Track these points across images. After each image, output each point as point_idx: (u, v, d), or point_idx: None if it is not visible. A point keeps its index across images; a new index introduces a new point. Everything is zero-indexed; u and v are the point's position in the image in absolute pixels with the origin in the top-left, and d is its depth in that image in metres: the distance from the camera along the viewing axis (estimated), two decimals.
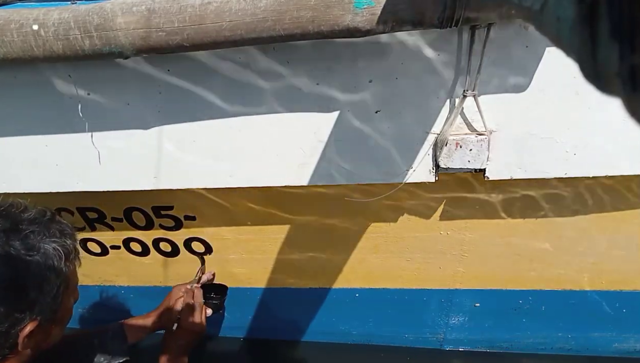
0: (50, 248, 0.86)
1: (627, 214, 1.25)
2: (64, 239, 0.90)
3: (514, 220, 1.30)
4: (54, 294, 0.86)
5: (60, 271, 0.87)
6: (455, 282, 1.53)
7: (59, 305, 0.90)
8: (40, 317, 0.85)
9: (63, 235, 0.90)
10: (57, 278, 0.87)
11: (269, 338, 1.83)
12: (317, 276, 1.57)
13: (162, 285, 1.66)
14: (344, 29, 0.76)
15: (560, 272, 1.45)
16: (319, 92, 0.94)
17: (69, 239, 0.91)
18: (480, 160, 0.96)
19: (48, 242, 0.86)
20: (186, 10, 0.77)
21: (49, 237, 0.87)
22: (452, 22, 0.75)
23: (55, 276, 0.86)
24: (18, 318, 0.82)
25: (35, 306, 0.84)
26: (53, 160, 1.07)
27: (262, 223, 1.40)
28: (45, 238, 0.86)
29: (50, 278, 0.85)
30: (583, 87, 0.88)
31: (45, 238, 0.86)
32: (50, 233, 0.88)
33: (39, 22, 0.81)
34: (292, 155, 1.02)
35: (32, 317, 0.84)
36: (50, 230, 0.88)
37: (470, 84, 0.90)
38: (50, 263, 0.85)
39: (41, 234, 0.86)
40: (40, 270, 0.84)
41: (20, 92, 0.99)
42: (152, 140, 1.02)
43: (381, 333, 1.75)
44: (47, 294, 0.85)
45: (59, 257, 0.87)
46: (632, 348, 1.65)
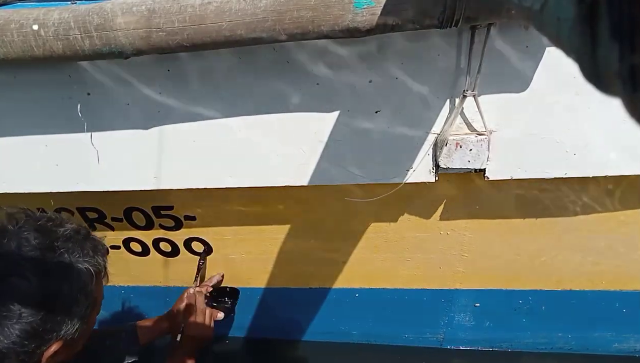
0: (83, 269, 0.85)
1: (627, 214, 1.25)
2: (97, 258, 0.89)
3: (514, 220, 1.30)
4: (81, 315, 0.86)
5: (90, 292, 0.87)
6: (455, 282, 1.53)
7: (86, 325, 0.89)
8: (66, 337, 0.85)
9: (96, 253, 0.90)
10: (87, 300, 0.87)
11: (269, 338, 1.83)
12: (317, 276, 1.57)
13: (162, 285, 1.66)
14: (344, 29, 0.76)
15: (560, 272, 1.45)
16: (318, 92, 0.94)
17: (100, 257, 0.91)
18: (480, 160, 0.96)
19: (81, 262, 0.86)
20: (186, 10, 0.77)
21: (83, 257, 0.86)
22: (452, 22, 0.75)
23: (85, 298, 0.86)
24: (45, 339, 0.81)
25: (62, 327, 0.83)
26: (53, 160, 1.07)
27: (262, 223, 1.40)
28: (79, 258, 0.86)
29: (81, 300, 0.85)
30: (583, 87, 0.88)
31: (79, 258, 0.86)
32: (84, 253, 0.87)
33: (39, 22, 0.81)
34: (292, 155, 1.02)
35: (59, 337, 0.83)
36: (84, 249, 0.88)
37: (470, 84, 0.90)
38: (81, 285, 0.85)
39: (75, 253, 0.85)
40: (72, 292, 0.83)
41: (20, 92, 0.99)
42: (152, 140, 1.02)
43: (381, 333, 1.75)
44: (75, 316, 0.85)
45: (91, 278, 0.87)
46: (632, 348, 1.65)
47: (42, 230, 0.84)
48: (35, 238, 0.83)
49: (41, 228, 0.85)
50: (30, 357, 0.80)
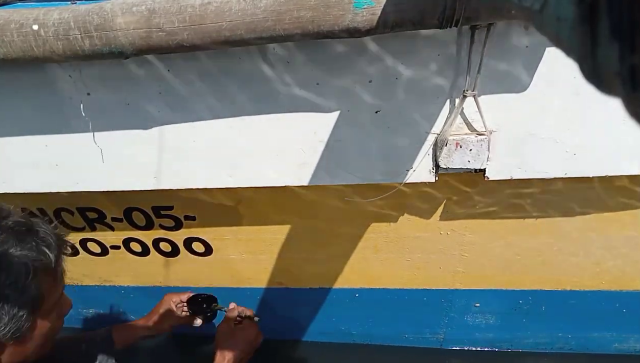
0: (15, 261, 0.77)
1: (626, 214, 1.25)
2: (43, 251, 0.80)
3: (514, 220, 1.30)
4: (15, 313, 0.77)
5: (26, 289, 0.78)
6: (455, 282, 1.53)
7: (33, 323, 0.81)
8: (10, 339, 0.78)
9: (42, 246, 0.81)
10: (21, 297, 0.78)
11: (269, 338, 1.83)
12: (317, 276, 1.57)
13: (162, 285, 1.66)
14: (344, 29, 0.76)
15: (560, 272, 1.45)
16: (319, 92, 0.94)
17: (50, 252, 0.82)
18: (480, 160, 0.96)
19: (17, 254, 0.77)
20: (186, 10, 0.77)
21: (20, 250, 0.78)
22: (452, 22, 0.75)
23: (19, 294, 0.77)
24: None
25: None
26: (53, 160, 1.07)
27: (262, 223, 1.40)
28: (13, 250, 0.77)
29: (10, 296, 0.76)
30: (583, 87, 0.88)
31: (13, 250, 0.77)
32: (21, 245, 0.78)
33: (39, 22, 0.81)
34: (292, 155, 1.02)
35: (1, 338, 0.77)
36: (24, 242, 0.79)
37: (470, 84, 0.89)
38: (11, 280, 0.76)
39: (9, 243, 0.77)
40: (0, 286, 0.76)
41: (20, 92, 0.99)
42: (152, 140, 1.02)
43: (381, 333, 1.75)
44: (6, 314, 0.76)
45: (26, 274, 0.78)
46: (632, 348, 1.65)
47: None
48: None
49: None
50: None
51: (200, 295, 1.42)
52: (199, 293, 1.43)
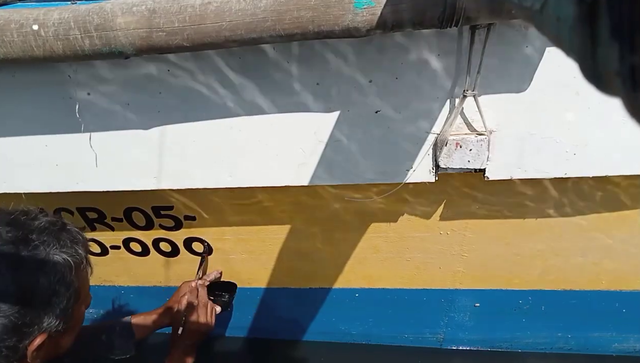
0: (60, 260, 0.84)
1: (627, 214, 1.25)
2: (75, 248, 0.88)
3: (514, 220, 1.30)
4: (63, 307, 0.85)
5: (70, 283, 0.85)
6: (455, 282, 1.53)
7: (69, 316, 0.88)
8: (49, 330, 0.84)
9: (74, 243, 0.88)
10: (67, 291, 0.85)
11: (269, 338, 1.83)
12: (317, 276, 1.57)
13: (162, 285, 1.66)
14: (344, 29, 0.76)
15: (560, 272, 1.45)
16: (319, 92, 0.94)
17: (80, 248, 0.89)
18: (480, 160, 0.96)
19: (58, 253, 0.84)
20: (186, 10, 0.77)
21: (60, 248, 0.85)
22: (452, 22, 0.75)
23: (65, 289, 0.84)
24: (26, 333, 0.80)
25: (44, 320, 0.82)
26: (53, 160, 1.07)
27: (262, 223, 1.40)
28: (56, 249, 0.84)
29: (60, 292, 0.84)
30: (583, 87, 0.88)
31: (55, 249, 0.84)
32: (60, 244, 0.85)
33: (39, 22, 0.81)
34: (292, 155, 1.02)
35: (41, 330, 0.82)
36: (61, 241, 0.86)
37: (470, 84, 0.90)
38: (60, 276, 0.83)
39: (51, 245, 0.84)
40: (50, 284, 0.82)
41: (20, 92, 0.99)
42: (152, 140, 1.02)
43: (381, 333, 1.74)
44: (56, 307, 0.83)
45: (70, 269, 0.85)
46: (632, 348, 1.65)
47: (14, 224, 0.83)
48: (7, 232, 0.81)
49: (14, 222, 0.84)
50: (13, 351, 0.79)
51: (218, 282, 1.42)
52: (220, 281, 1.43)
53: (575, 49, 0.28)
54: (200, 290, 1.37)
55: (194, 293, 1.36)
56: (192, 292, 1.36)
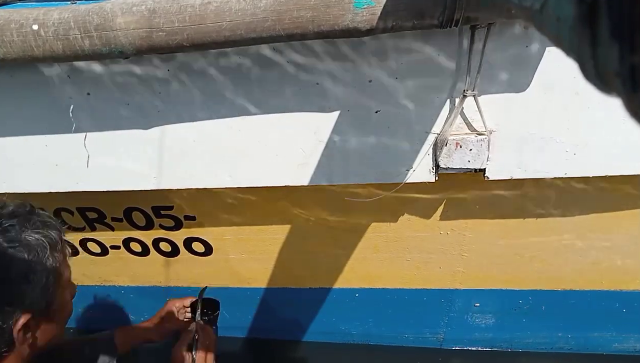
0: (32, 239, 0.85)
1: (627, 214, 1.25)
2: (47, 230, 0.89)
3: (514, 220, 1.30)
4: (42, 285, 0.85)
5: (45, 261, 0.86)
6: (455, 282, 1.53)
7: (51, 297, 0.88)
8: (32, 310, 0.84)
9: (45, 226, 0.89)
10: (43, 269, 0.86)
11: (269, 338, 1.83)
12: (317, 276, 1.57)
13: (162, 285, 1.66)
14: (344, 28, 0.76)
15: (560, 272, 1.45)
16: (319, 92, 0.94)
17: (52, 230, 0.90)
18: (480, 160, 0.96)
19: (29, 234, 0.85)
20: (186, 10, 0.77)
21: (30, 229, 0.86)
22: (452, 22, 0.75)
23: (40, 266, 0.85)
24: (8, 312, 0.81)
25: (24, 297, 0.83)
26: (53, 160, 1.07)
27: (262, 223, 1.40)
28: (27, 230, 0.86)
29: (36, 269, 0.85)
30: (583, 87, 0.88)
31: (26, 230, 0.85)
32: (30, 225, 0.87)
33: (39, 22, 0.81)
34: (292, 155, 1.02)
35: (24, 308, 0.83)
36: (31, 222, 0.87)
37: (470, 84, 0.89)
38: (34, 253, 0.85)
39: (21, 226, 0.85)
40: (24, 260, 0.83)
41: (20, 92, 0.99)
42: (152, 140, 1.02)
43: (381, 333, 1.75)
44: (35, 285, 0.84)
45: (43, 247, 0.86)
46: (632, 348, 1.65)
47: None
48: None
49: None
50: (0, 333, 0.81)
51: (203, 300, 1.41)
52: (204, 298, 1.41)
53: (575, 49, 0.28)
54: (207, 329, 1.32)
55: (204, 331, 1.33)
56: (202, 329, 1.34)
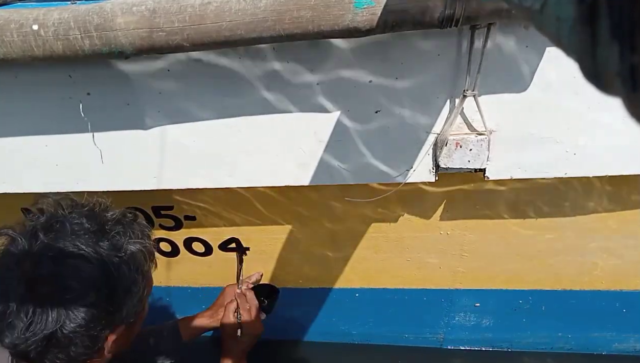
0: (135, 250, 0.85)
1: (627, 214, 1.25)
2: (146, 240, 0.89)
3: (514, 220, 1.30)
4: (139, 296, 0.86)
5: (145, 273, 0.87)
6: (455, 282, 1.53)
7: (142, 308, 0.89)
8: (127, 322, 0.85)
9: (144, 235, 0.90)
10: (143, 280, 0.86)
11: (269, 338, 1.83)
12: (317, 276, 1.57)
13: (162, 285, 1.66)
14: (344, 29, 0.76)
15: (560, 272, 1.45)
16: (319, 92, 0.94)
17: (148, 240, 0.91)
18: (480, 160, 0.96)
19: (132, 244, 0.86)
20: (186, 10, 0.77)
21: (133, 238, 0.86)
22: (452, 22, 0.75)
23: (141, 278, 0.86)
24: (108, 321, 0.81)
25: (124, 308, 0.83)
26: (53, 160, 1.07)
27: (262, 223, 1.40)
28: (130, 240, 0.86)
29: (138, 280, 0.85)
30: (583, 87, 0.88)
31: (130, 240, 0.86)
32: (134, 234, 0.87)
33: (39, 22, 0.81)
34: (292, 155, 1.02)
35: (120, 320, 0.83)
36: (134, 231, 0.88)
37: (470, 84, 0.90)
38: (137, 265, 0.85)
39: (126, 235, 0.85)
40: (129, 272, 0.83)
41: (20, 92, 0.99)
42: (152, 140, 1.02)
43: (381, 333, 1.75)
44: (134, 296, 0.84)
45: (144, 258, 0.87)
46: (632, 347, 1.65)
47: (91, 216, 0.85)
48: (86, 222, 0.83)
49: (90, 213, 0.85)
50: (94, 341, 0.80)
51: (260, 287, 1.41)
52: (261, 284, 1.41)
53: (575, 49, 0.28)
54: (248, 295, 1.35)
55: (242, 298, 1.34)
56: (241, 297, 1.34)
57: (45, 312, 0.75)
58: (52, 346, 0.76)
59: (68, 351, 0.77)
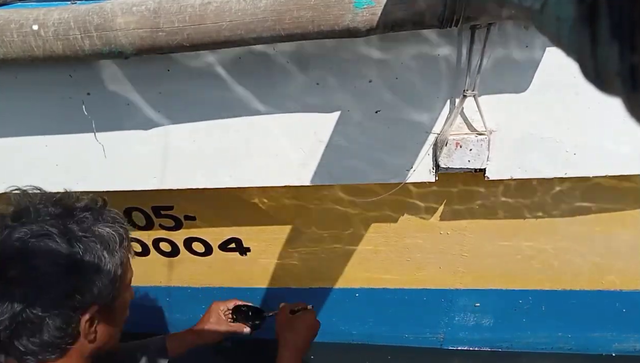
0: (104, 232, 0.86)
1: (627, 214, 1.25)
2: (117, 226, 0.89)
3: (514, 220, 1.30)
4: (111, 277, 0.86)
5: (115, 253, 0.87)
6: (455, 282, 1.53)
7: (117, 291, 0.89)
8: (99, 302, 0.85)
9: (115, 221, 0.90)
10: (115, 259, 0.87)
11: (269, 338, 1.83)
12: (317, 276, 1.57)
13: (162, 285, 1.66)
14: (344, 29, 0.76)
15: (560, 272, 1.45)
16: (319, 92, 0.94)
17: (120, 227, 0.91)
18: (480, 160, 0.96)
19: (101, 227, 0.86)
20: (186, 10, 0.77)
21: (102, 222, 0.87)
22: (452, 22, 0.75)
23: (111, 257, 0.86)
24: (79, 301, 0.81)
25: (94, 287, 0.83)
26: (53, 160, 1.07)
27: (262, 224, 1.40)
28: (99, 224, 0.86)
29: (107, 259, 0.85)
30: (583, 87, 0.88)
31: (99, 224, 0.86)
32: (103, 219, 0.88)
33: (39, 22, 0.81)
34: (292, 155, 1.02)
35: (93, 300, 0.83)
36: (104, 216, 0.88)
37: (470, 84, 0.90)
38: (105, 245, 0.85)
39: (95, 219, 0.86)
40: (97, 251, 0.84)
41: (20, 92, 0.99)
42: (152, 140, 1.02)
43: (381, 333, 1.75)
44: (104, 276, 0.84)
45: (114, 241, 0.87)
46: (632, 347, 1.65)
47: (59, 203, 0.86)
48: (54, 209, 0.84)
49: (58, 201, 0.86)
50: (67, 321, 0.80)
51: (245, 305, 1.41)
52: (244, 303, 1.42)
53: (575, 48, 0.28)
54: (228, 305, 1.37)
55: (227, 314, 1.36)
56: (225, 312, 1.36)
57: (12, 292, 0.75)
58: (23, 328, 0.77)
59: (41, 335, 0.78)
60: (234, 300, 1.40)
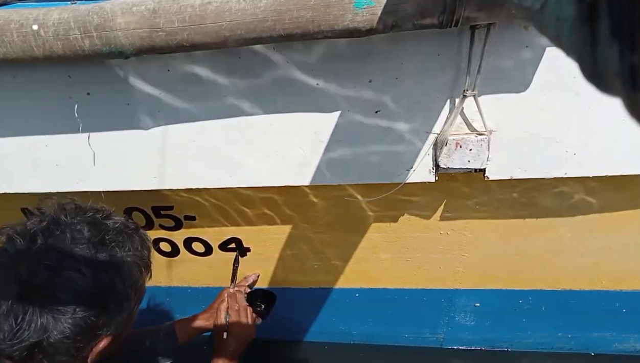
0: (133, 263, 0.85)
1: (627, 214, 1.25)
2: (145, 252, 0.89)
3: (514, 220, 1.30)
4: (130, 310, 0.86)
5: (139, 288, 0.87)
6: (455, 282, 1.53)
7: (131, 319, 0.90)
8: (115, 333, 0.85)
9: (144, 248, 0.90)
10: (136, 296, 0.87)
11: (269, 338, 1.83)
12: (317, 276, 1.57)
13: (162, 285, 1.66)
14: (344, 29, 0.76)
15: (560, 272, 1.45)
16: (319, 92, 0.94)
17: (147, 251, 0.91)
18: (480, 160, 0.96)
19: (131, 256, 0.85)
20: (186, 10, 0.77)
21: (133, 251, 0.86)
22: (452, 22, 0.75)
23: (134, 293, 0.86)
24: (96, 335, 0.81)
25: (112, 323, 0.83)
26: (53, 160, 1.07)
27: (262, 223, 1.40)
28: (129, 252, 0.85)
29: (131, 296, 0.85)
30: (583, 87, 0.88)
31: (129, 252, 0.85)
32: (133, 247, 0.87)
33: (39, 22, 0.81)
34: (292, 155, 1.02)
35: (109, 333, 0.83)
36: (134, 244, 0.87)
37: (470, 84, 0.89)
38: (133, 281, 0.85)
39: (125, 247, 0.85)
40: (124, 288, 0.83)
41: (20, 92, 0.99)
42: (152, 140, 1.02)
43: (381, 333, 1.75)
44: (125, 311, 0.84)
45: (140, 273, 0.87)
46: (632, 347, 1.65)
47: (93, 223, 0.84)
48: (87, 231, 0.82)
49: (92, 221, 0.85)
50: (79, 351, 0.80)
51: (257, 291, 1.41)
52: (257, 288, 1.42)
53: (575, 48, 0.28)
54: (238, 296, 1.36)
55: (233, 298, 1.35)
56: (231, 297, 1.35)
57: (34, 321, 0.75)
58: (37, 353, 0.77)
59: (52, 358, 0.78)
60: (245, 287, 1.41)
